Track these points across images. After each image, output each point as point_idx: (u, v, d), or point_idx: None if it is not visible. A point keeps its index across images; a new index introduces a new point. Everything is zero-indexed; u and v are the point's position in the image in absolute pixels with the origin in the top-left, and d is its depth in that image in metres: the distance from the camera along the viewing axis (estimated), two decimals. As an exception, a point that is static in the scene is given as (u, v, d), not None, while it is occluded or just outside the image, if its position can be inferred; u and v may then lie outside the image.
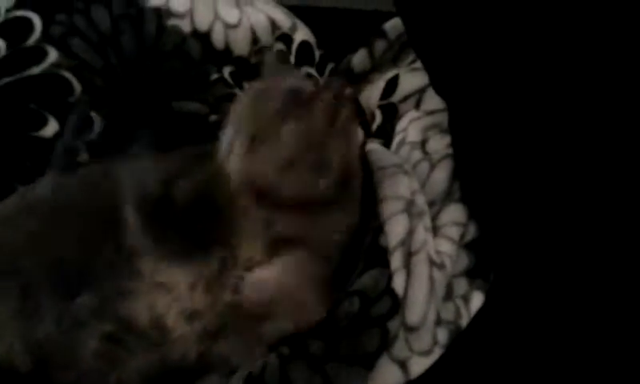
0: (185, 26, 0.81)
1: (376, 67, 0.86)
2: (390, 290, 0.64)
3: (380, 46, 0.86)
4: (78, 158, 0.80)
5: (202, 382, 0.66)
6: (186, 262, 0.64)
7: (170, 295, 0.63)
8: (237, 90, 0.86)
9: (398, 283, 0.64)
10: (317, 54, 0.90)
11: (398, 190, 0.69)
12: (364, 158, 0.75)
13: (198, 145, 0.72)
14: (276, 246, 0.67)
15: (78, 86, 0.79)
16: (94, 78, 0.79)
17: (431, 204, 0.71)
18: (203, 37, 0.82)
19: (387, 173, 0.71)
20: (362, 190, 0.73)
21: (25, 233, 0.65)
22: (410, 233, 0.66)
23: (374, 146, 0.79)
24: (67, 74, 0.78)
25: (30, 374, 0.62)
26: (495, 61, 0.70)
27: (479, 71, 0.71)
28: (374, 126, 0.84)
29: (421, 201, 0.70)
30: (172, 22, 0.81)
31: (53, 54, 0.78)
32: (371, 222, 0.69)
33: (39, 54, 0.78)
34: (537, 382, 0.63)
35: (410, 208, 0.68)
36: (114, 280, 0.63)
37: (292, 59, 0.87)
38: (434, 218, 0.70)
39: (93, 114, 0.80)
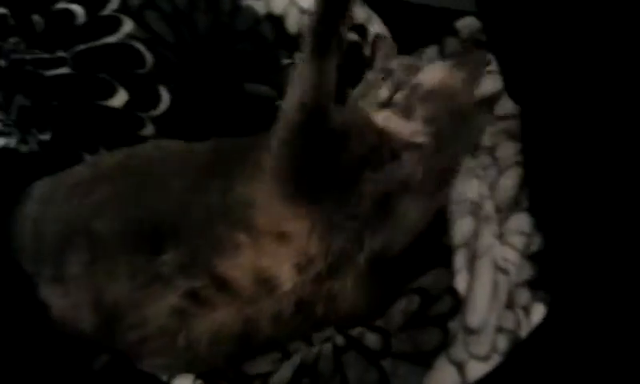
0: (260, 7, 0.81)
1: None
2: (451, 290, 0.63)
3: (451, 44, 0.85)
4: (144, 131, 0.81)
5: (253, 363, 0.67)
6: (309, 204, 0.64)
7: (287, 246, 0.63)
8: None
9: (461, 283, 0.63)
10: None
11: (466, 192, 0.69)
12: None
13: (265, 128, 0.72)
14: None
15: (150, 59, 0.79)
16: (167, 52, 0.80)
17: (497, 211, 0.70)
18: (277, 20, 0.82)
19: (459, 175, 0.71)
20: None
21: (97, 198, 0.66)
22: (476, 235, 0.66)
23: None
24: (140, 46, 0.79)
25: (94, 335, 0.63)
26: (574, 67, 0.69)
27: (558, 77, 0.70)
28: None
29: (489, 206, 0.69)
30: (247, 2, 0.81)
31: (128, 25, 0.78)
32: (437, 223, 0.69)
33: (115, 24, 0.79)
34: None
35: (476, 211, 0.67)
36: (212, 235, 0.62)
37: (367, 51, 0.86)
38: (499, 225, 0.69)
39: (161, 88, 0.81)
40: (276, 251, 0.62)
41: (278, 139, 0.66)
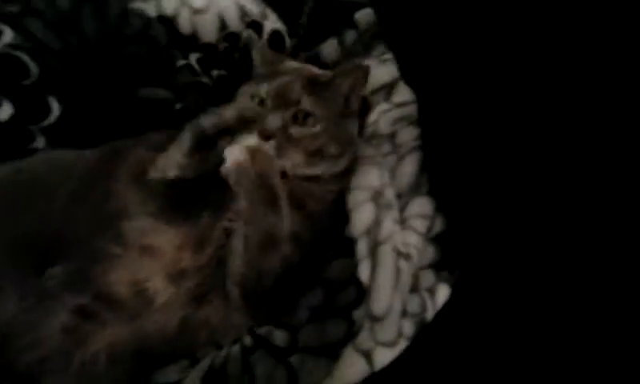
0: (150, 9, 0.79)
1: (346, 57, 0.85)
2: (355, 280, 0.63)
3: (350, 36, 0.85)
4: (34, 144, 0.77)
5: (163, 372, 0.65)
6: (176, 221, 0.63)
7: (156, 259, 0.62)
8: (204, 78, 0.84)
9: (364, 272, 0.63)
10: (288, 42, 0.89)
11: (366, 180, 0.69)
12: None
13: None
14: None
15: (34, 69, 0.75)
16: (53, 60, 0.76)
17: (399, 196, 0.70)
18: (169, 21, 0.80)
19: (359, 163, 0.71)
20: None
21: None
22: (377, 223, 0.66)
23: None
24: (23, 56, 0.75)
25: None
26: (466, 53, 0.70)
27: (450, 62, 0.71)
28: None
29: (390, 193, 0.69)
30: (137, 4, 0.78)
31: (8, 34, 0.74)
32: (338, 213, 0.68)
33: (-7, 34, 0.74)
34: (500, 375, 0.63)
35: (377, 199, 0.67)
36: (92, 247, 0.61)
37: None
38: (401, 210, 0.70)
39: (50, 98, 0.77)
40: (146, 263, 0.62)
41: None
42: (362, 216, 0.66)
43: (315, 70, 0.80)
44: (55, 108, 0.77)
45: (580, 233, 0.62)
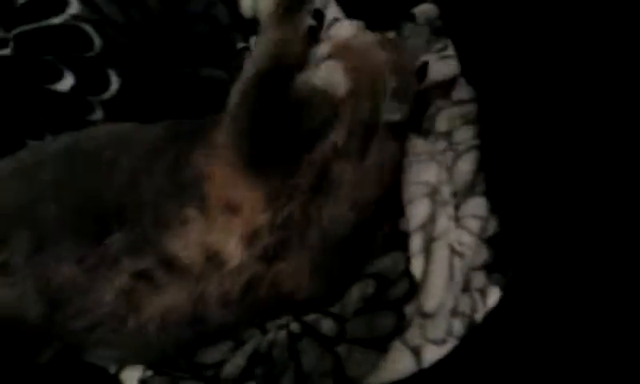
0: (214, -12, 0.79)
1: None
2: (407, 274, 0.63)
3: (409, 30, 0.84)
4: (92, 116, 0.78)
5: (206, 352, 0.65)
6: (265, 172, 0.62)
7: (235, 218, 0.61)
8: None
9: (417, 267, 0.63)
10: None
11: (424, 175, 0.68)
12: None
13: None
14: None
15: (98, 41, 0.76)
16: (116, 34, 0.77)
17: (454, 195, 0.70)
18: (232, 3, 0.80)
19: (418, 159, 0.70)
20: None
21: (40, 184, 0.63)
22: (432, 219, 0.65)
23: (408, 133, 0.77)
24: (87, 28, 0.76)
25: (40, 327, 0.60)
26: (531, 51, 0.69)
27: (514, 62, 0.70)
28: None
29: (446, 190, 0.69)
30: (201, -17, 0.79)
31: (74, 6, 0.75)
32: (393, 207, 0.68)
33: (60, 4, 0.75)
34: (547, 381, 0.62)
35: (434, 195, 0.67)
36: (160, 212, 0.60)
37: (324, 36, 0.85)
38: (455, 209, 0.69)
39: (110, 71, 0.78)
40: (225, 223, 0.60)
41: (234, 105, 0.65)
42: (417, 211, 0.66)
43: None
44: (115, 81, 0.78)
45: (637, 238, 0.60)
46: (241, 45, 0.81)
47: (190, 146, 0.64)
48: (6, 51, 0.75)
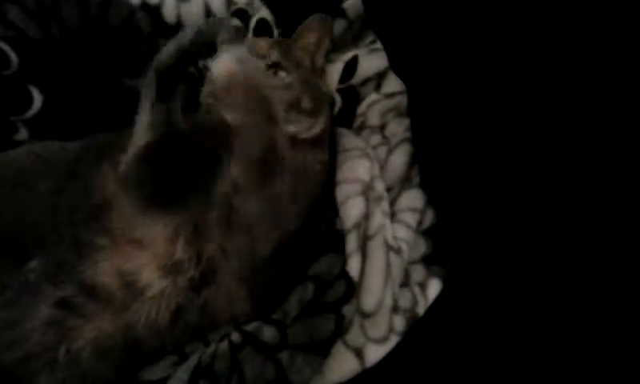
0: (133, -3, 0.77)
1: (335, 47, 0.83)
2: (344, 274, 0.62)
3: (339, 25, 0.83)
4: (17, 135, 0.75)
5: (150, 369, 0.63)
6: (169, 211, 0.61)
7: (146, 250, 0.60)
8: (190, 68, 0.82)
9: (354, 267, 0.62)
10: (275, 32, 0.87)
11: (357, 173, 0.68)
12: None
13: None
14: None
15: (14, 58, 0.73)
16: (33, 49, 0.74)
17: (389, 189, 0.69)
18: (153, 10, 0.78)
19: (349, 156, 0.70)
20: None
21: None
22: (367, 216, 0.65)
23: (339, 129, 0.77)
24: (3, 45, 0.73)
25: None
26: (456, 41, 0.69)
27: (440, 52, 0.70)
28: (335, 111, 0.81)
29: (380, 186, 0.68)
30: (119, -8, 0.76)
31: (-13, 23, 0.72)
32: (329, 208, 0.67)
33: (-28, 23, 0.72)
34: (492, 369, 0.63)
35: (367, 192, 0.66)
36: (75, 239, 0.59)
37: (249, 37, 0.83)
38: (391, 204, 0.69)
39: (32, 88, 0.75)
40: (136, 255, 0.60)
41: (128, 161, 0.63)
42: (351, 210, 0.65)
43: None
44: (37, 99, 0.75)
45: (571, 225, 0.61)
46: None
47: (100, 169, 0.63)
48: None
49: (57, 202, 0.61)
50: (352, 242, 0.63)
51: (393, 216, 0.67)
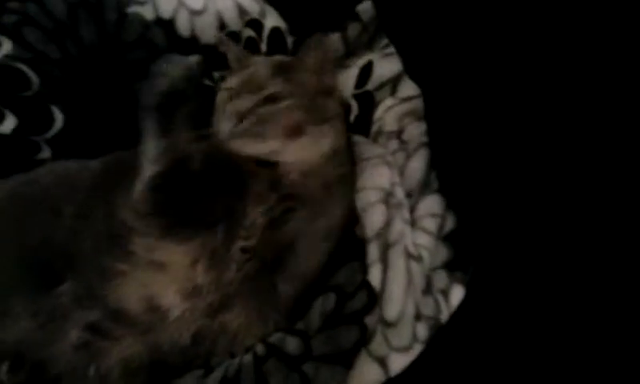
0: (147, 13, 0.78)
1: (350, 51, 0.83)
2: (366, 284, 0.62)
3: (354, 29, 0.82)
4: (40, 154, 0.77)
5: (178, 382, 0.64)
6: (187, 238, 0.62)
7: (167, 275, 0.62)
8: (205, 80, 0.82)
9: (375, 276, 0.62)
10: (289, 40, 0.87)
11: (377, 180, 0.67)
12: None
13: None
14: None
15: (35, 79, 0.74)
16: (53, 69, 0.75)
17: (408, 195, 0.69)
18: (167, 24, 0.78)
19: (370, 164, 0.69)
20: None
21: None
22: (388, 224, 0.64)
23: (357, 138, 0.76)
24: (23, 67, 0.74)
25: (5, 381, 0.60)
26: (470, 45, 0.68)
27: (455, 55, 0.69)
28: (352, 117, 0.80)
29: (400, 193, 0.68)
30: (133, 9, 0.77)
31: (6, 45, 0.73)
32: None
33: (-9, 46, 0.73)
34: (517, 375, 0.62)
35: (388, 199, 0.66)
36: (99, 264, 0.61)
37: (263, 47, 0.83)
38: (411, 210, 0.68)
39: (54, 108, 0.76)
40: (156, 279, 0.61)
41: (140, 191, 0.64)
42: (372, 218, 0.64)
43: (282, 57, 0.78)
44: (59, 118, 0.76)
45: (595, 230, 0.60)
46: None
47: (120, 192, 0.63)
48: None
49: (82, 229, 0.62)
50: (373, 252, 0.63)
51: (413, 223, 0.67)
